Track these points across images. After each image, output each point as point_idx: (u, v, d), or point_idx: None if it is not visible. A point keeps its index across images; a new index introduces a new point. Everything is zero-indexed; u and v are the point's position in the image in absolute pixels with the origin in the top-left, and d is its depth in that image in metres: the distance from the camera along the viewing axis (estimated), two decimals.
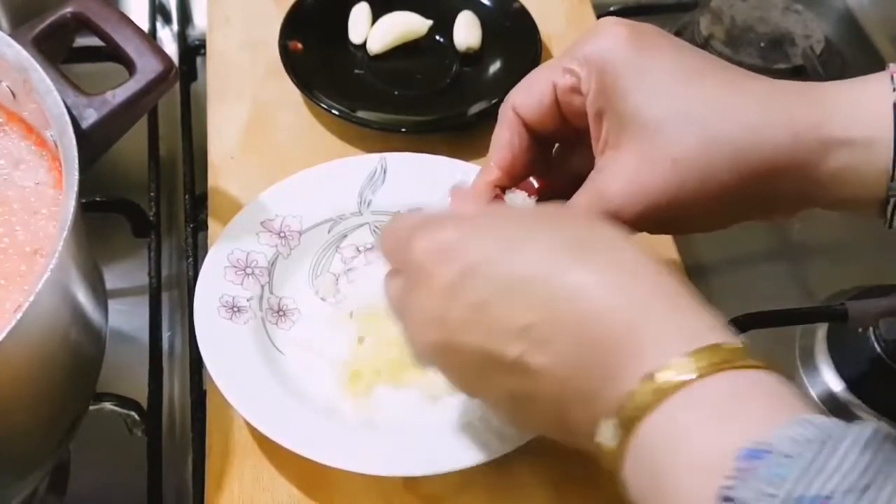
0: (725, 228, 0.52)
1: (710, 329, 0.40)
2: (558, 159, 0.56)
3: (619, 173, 0.50)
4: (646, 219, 0.50)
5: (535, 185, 0.54)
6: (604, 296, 0.41)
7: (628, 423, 0.38)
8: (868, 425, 0.34)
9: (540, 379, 0.42)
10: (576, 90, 0.51)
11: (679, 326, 0.40)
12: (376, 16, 0.82)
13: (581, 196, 0.51)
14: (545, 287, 0.42)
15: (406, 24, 0.81)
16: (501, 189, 0.54)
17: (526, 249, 0.43)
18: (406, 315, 0.47)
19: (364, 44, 0.81)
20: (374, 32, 0.81)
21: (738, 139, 0.47)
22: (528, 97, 0.53)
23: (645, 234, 0.51)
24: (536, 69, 0.54)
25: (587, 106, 0.51)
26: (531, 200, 0.53)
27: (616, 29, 0.50)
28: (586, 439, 0.41)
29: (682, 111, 0.48)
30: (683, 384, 0.38)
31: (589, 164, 0.52)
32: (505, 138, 0.54)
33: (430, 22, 0.81)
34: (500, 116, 0.54)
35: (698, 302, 0.41)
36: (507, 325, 0.42)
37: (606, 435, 0.40)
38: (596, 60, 0.50)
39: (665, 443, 0.37)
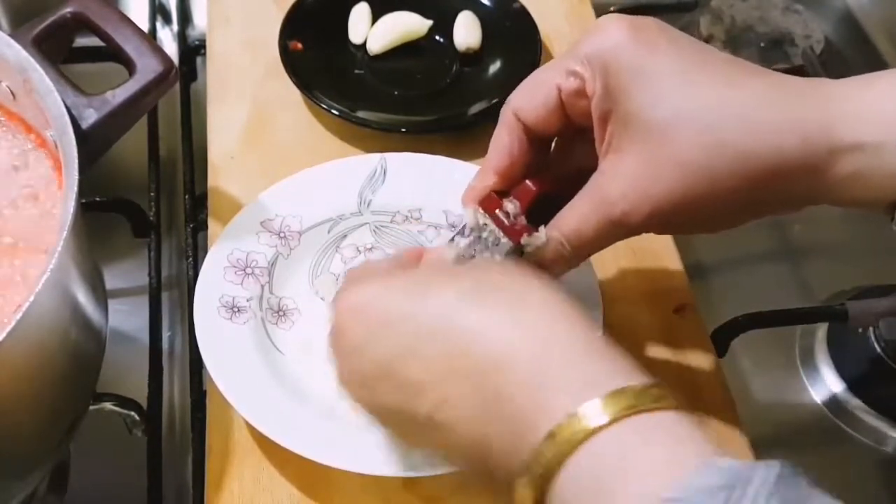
0: (733, 228, 0.51)
1: (613, 373, 0.39)
2: (557, 154, 0.55)
3: (624, 177, 0.49)
4: (652, 221, 0.49)
5: (532, 188, 0.53)
6: (500, 339, 0.41)
7: (540, 481, 0.38)
8: (773, 465, 0.34)
9: (452, 434, 0.42)
10: (581, 93, 0.50)
11: (581, 373, 0.39)
12: (376, 16, 0.82)
13: (584, 199, 0.50)
14: (444, 339, 0.42)
15: (406, 24, 0.81)
16: (497, 193, 0.53)
17: (431, 299, 0.43)
18: (336, 367, 0.48)
19: (364, 44, 0.81)
20: (374, 32, 0.81)
21: (744, 144, 0.46)
22: (531, 101, 0.52)
23: (645, 236, 0.51)
24: (538, 71, 0.53)
25: (592, 108, 0.50)
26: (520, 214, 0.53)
27: (617, 26, 0.49)
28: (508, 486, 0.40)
29: (688, 114, 0.47)
30: (588, 436, 0.37)
31: (589, 158, 0.52)
32: (504, 142, 0.53)
33: (430, 22, 0.81)
34: (500, 120, 0.54)
35: (605, 344, 0.41)
36: (414, 381, 0.43)
37: (523, 492, 0.39)
38: (599, 61, 0.49)
39: (577, 498, 0.37)
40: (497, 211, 0.53)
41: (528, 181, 0.53)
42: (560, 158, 0.55)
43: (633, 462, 0.36)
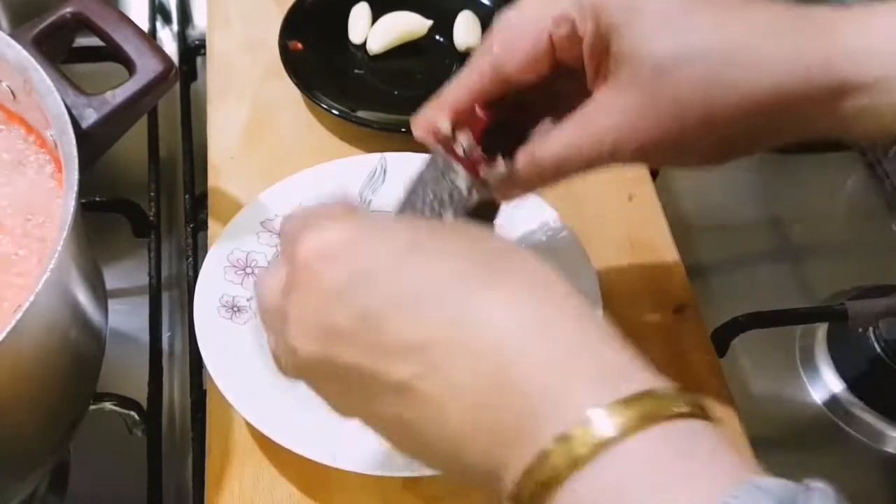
0: (728, 162, 0.49)
1: (636, 371, 0.35)
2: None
3: (619, 111, 0.47)
4: (643, 155, 0.48)
5: (483, 117, 0.50)
6: (514, 326, 0.36)
7: (542, 485, 0.33)
8: (827, 489, 0.31)
9: (429, 409, 0.36)
10: (574, 37, 0.48)
11: (602, 370, 0.35)
12: (376, 16, 0.82)
13: (572, 127, 0.48)
14: (449, 305, 0.36)
15: (406, 24, 0.81)
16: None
17: (430, 259, 0.38)
18: (279, 319, 0.40)
19: (364, 44, 0.81)
20: (374, 32, 0.81)
21: (745, 79, 0.45)
22: (516, 54, 0.49)
23: (646, 236, 0.51)
24: (516, 17, 0.49)
25: (584, 46, 0.48)
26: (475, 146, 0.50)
27: None
28: (485, 485, 0.36)
29: (684, 48, 0.45)
30: (610, 442, 0.32)
31: (563, 85, 0.50)
32: (471, 87, 0.49)
33: (430, 22, 0.81)
34: (471, 66, 0.50)
35: (621, 340, 0.36)
36: (399, 341, 0.37)
37: (514, 492, 0.34)
38: (589, 1, 0.47)
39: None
40: (452, 144, 0.50)
41: (478, 110, 0.50)
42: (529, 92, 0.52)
43: (663, 477, 0.32)
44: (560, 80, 0.50)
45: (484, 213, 0.50)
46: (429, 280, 0.37)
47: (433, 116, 0.50)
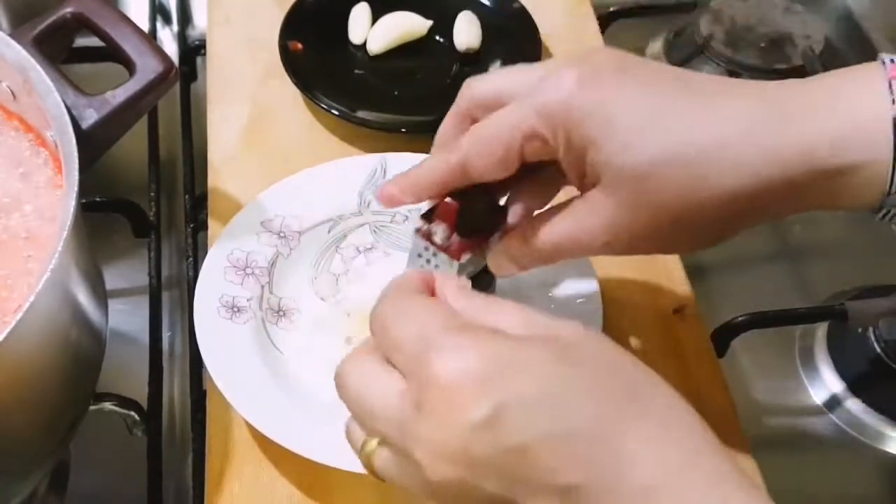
0: (721, 243, 0.50)
1: None
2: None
3: (605, 214, 0.47)
4: (636, 247, 0.49)
5: (454, 203, 0.50)
6: (661, 471, 0.37)
7: None
8: None
9: None
10: (545, 150, 0.48)
11: None
12: (376, 16, 0.82)
13: (566, 222, 0.49)
14: (598, 446, 0.37)
15: (406, 25, 0.81)
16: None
17: (576, 395, 0.38)
18: (396, 429, 0.41)
19: (364, 44, 0.81)
20: (373, 32, 0.81)
21: (720, 177, 0.45)
22: (485, 159, 0.48)
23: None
24: (487, 127, 0.49)
25: (560, 159, 0.48)
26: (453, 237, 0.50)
27: (569, 75, 0.46)
28: None
29: (660, 154, 0.45)
30: None
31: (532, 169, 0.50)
32: (439, 176, 0.50)
33: (430, 22, 0.81)
34: (441, 159, 0.50)
35: (748, 477, 0.38)
36: (545, 479, 0.37)
37: None
38: (560, 117, 0.46)
39: None
40: (431, 235, 0.50)
41: (447, 198, 0.50)
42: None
43: None
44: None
45: (481, 282, 0.52)
46: (577, 417, 0.38)
47: (400, 196, 0.51)
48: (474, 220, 0.51)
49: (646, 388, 0.39)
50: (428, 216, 0.51)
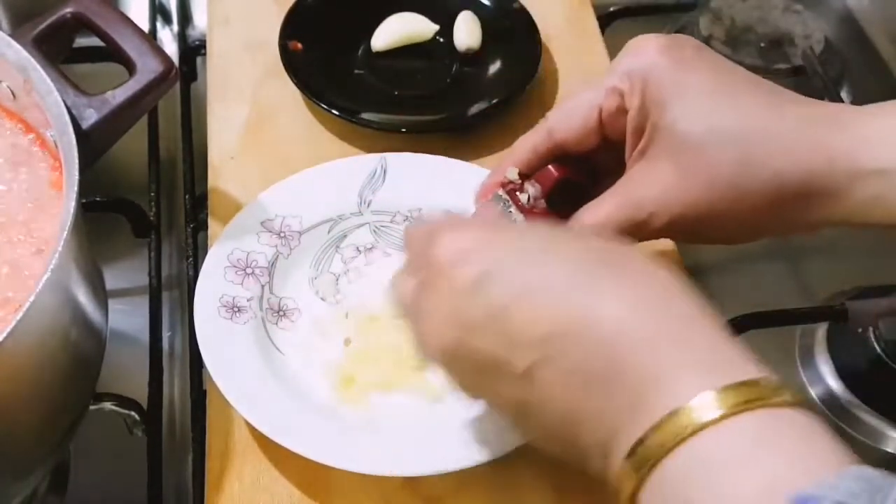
0: (750, 241, 0.53)
1: (743, 363, 0.38)
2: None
3: (654, 183, 0.51)
4: (674, 228, 0.51)
5: (555, 173, 0.54)
6: (631, 319, 0.40)
7: (650, 457, 0.37)
8: None
9: (547, 393, 0.41)
10: (621, 110, 0.52)
11: (711, 359, 0.39)
12: (379, 14, 0.82)
13: (611, 198, 0.52)
14: (570, 300, 0.41)
15: (413, 26, 0.81)
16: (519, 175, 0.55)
17: (553, 259, 0.43)
18: (418, 315, 0.46)
19: (368, 45, 0.81)
20: (380, 30, 0.81)
21: (775, 163, 0.49)
22: (568, 121, 0.54)
23: (646, 246, 0.52)
24: (577, 95, 0.55)
25: (629, 119, 0.52)
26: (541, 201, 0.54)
27: (654, 43, 0.52)
28: (595, 462, 0.40)
29: (722, 130, 0.49)
30: (714, 421, 0.36)
31: (610, 165, 0.54)
32: (531, 145, 0.55)
33: (437, 26, 0.81)
34: (534, 129, 0.56)
35: (728, 333, 0.40)
36: (524, 333, 0.41)
37: (623, 465, 0.38)
38: (639, 76, 0.51)
39: (695, 477, 0.36)
40: (518, 192, 0.54)
41: (550, 166, 0.54)
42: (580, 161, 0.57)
43: (764, 452, 0.35)
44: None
45: None
46: (551, 277, 0.42)
47: (497, 177, 0.56)
48: (569, 194, 0.54)
49: (618, 256, 0.43)
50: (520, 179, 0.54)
